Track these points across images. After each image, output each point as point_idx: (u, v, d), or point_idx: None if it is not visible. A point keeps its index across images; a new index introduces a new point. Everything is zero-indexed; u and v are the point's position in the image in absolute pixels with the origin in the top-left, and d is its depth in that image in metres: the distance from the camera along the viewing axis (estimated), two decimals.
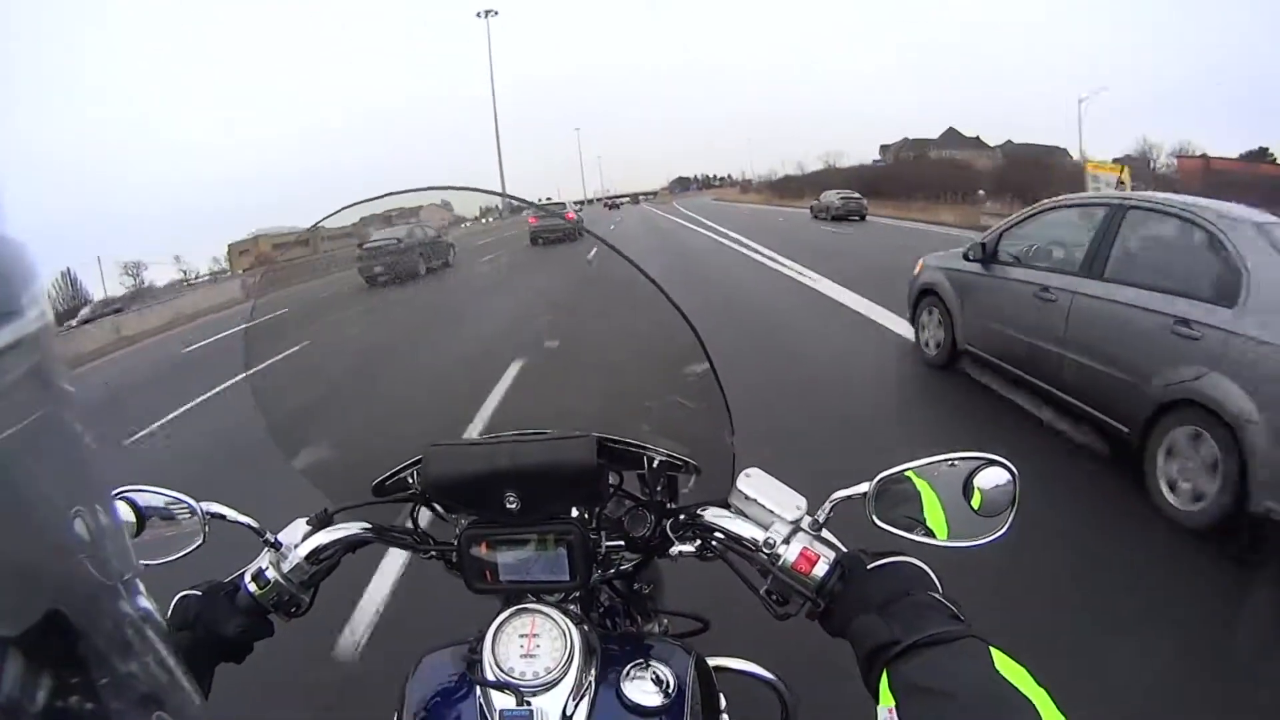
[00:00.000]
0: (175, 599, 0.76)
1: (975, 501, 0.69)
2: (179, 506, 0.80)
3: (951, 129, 54.66)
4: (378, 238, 1.29)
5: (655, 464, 0.84)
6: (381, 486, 0.89)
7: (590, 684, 0.70)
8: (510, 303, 1.21)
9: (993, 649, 0.56)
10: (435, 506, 0.84)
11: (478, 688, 0.70)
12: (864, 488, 0.71)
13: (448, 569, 0.83)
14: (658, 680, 0.70)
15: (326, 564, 0.83)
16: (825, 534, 0.74)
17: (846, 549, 0.73)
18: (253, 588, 0.79)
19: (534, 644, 0.71)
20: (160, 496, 0.80)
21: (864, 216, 23.65)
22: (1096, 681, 1.88)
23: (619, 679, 0.70)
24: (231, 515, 0.81)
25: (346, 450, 1.01)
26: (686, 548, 0.81)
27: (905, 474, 0.71)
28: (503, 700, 0.68)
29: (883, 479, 0.71)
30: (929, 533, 0.71)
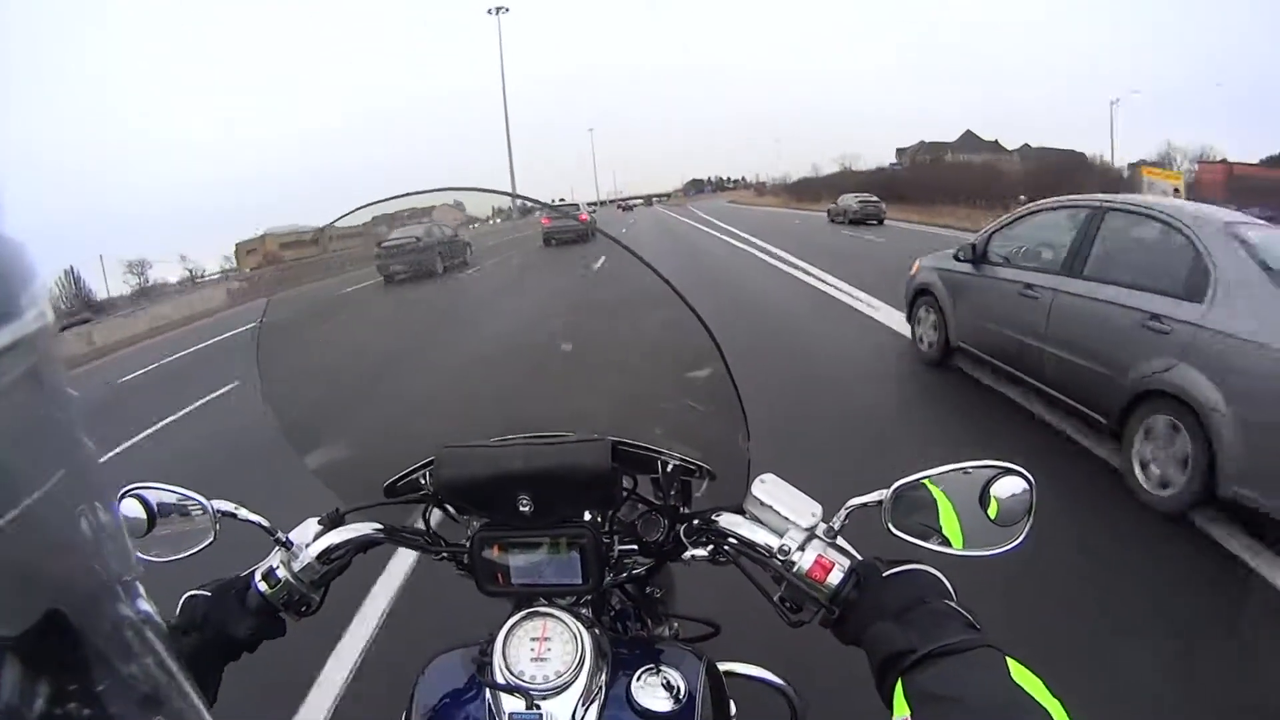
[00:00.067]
0: (183, 598, 0.76)
1: (992, 510, 0.68)
2: (190, 504, 0.80)
3: (969, 132, 54.35)
4: (396, 236, 1.30)
5: (669, 468, 0.83)
6: (393, 487, 0.89)
7: (601, 688, 0.70)
8: (525, 303, 1.21)
9: (1008, 659, 0.55)
10: (447, 508, 0.83)
11: (487, 690, 0.70)
12: (880, 495, 0.70)
13: (459, 570, 0.83)
14: (668, 685, 0.69)
15: (337, 564, 0.83)
16: (840, 541, 0.73)
17: (861, 556, 0.72)
18: (263, 586, 0.79)
19: (545, 647, 0.71)
20: (171, 494, 0.80)
21: (882, 221, 23.31)
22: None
23: (629, 683, 0.69)
24: (242, 514, 0.80)
25: (359, 450, 1.01)
26: (699, 552, 0.80)
27: (921, 482, 0.70)
28: (512, 703, 0.68)
29: (899, 487, 0.70)
30: (945, 541, 0.70)
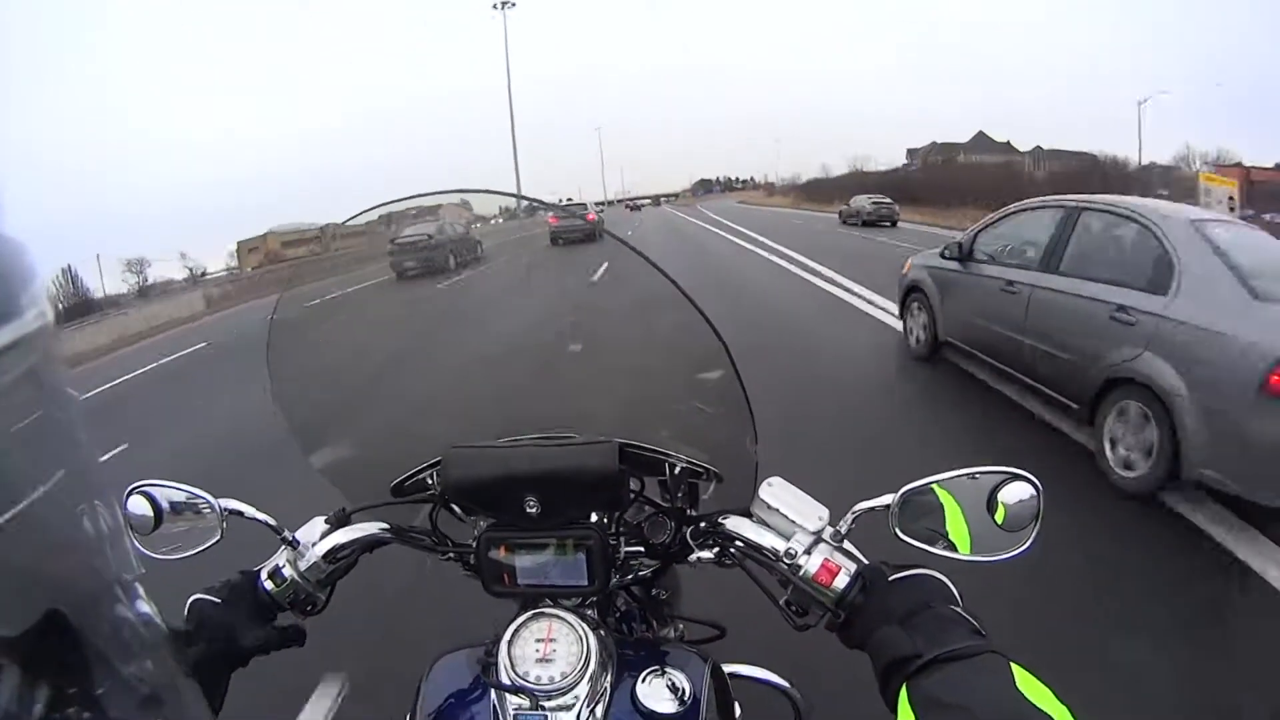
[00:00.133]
0: (190, 601, 0.74)
1: (999, 516, 0.68)
2: (197, 502, 0.80)
3: (981, 133, 54.00)
4: (410, 233, 1.31)
5: (677, 470, 0.82)
6: (400, 487, 0.89)
7: (605, 690, 0.70)
8: (532, 303, 1.21)
9: (1014, 665, 0.55)
10: (454, 508, 0.83)
11: (492, 691, 0.70)
12: (887, 500, 0.70)
13: (465, 571, 0.83)
14: (673, 687, 0.69)
15: (344, 563, 0.83)
16: (847, 545, 0.73)
17: (867, 561, 0.71)
18: (269, 585, 0.79)
19: (550, 648, 0.71)
20: (178, 492, 0.80)
21: (895, 223, 23.03)
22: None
23: (634, 685, 0.69)
24: (249, 512, 0.81)
25: (366, 450, 1.01)
26: (705, 555, 0.80)
27: (929, 487, 0.70)
28: (517, 704, 0.68)
29: (906, 491, 0.70)
30: (951, 546, 0.69)
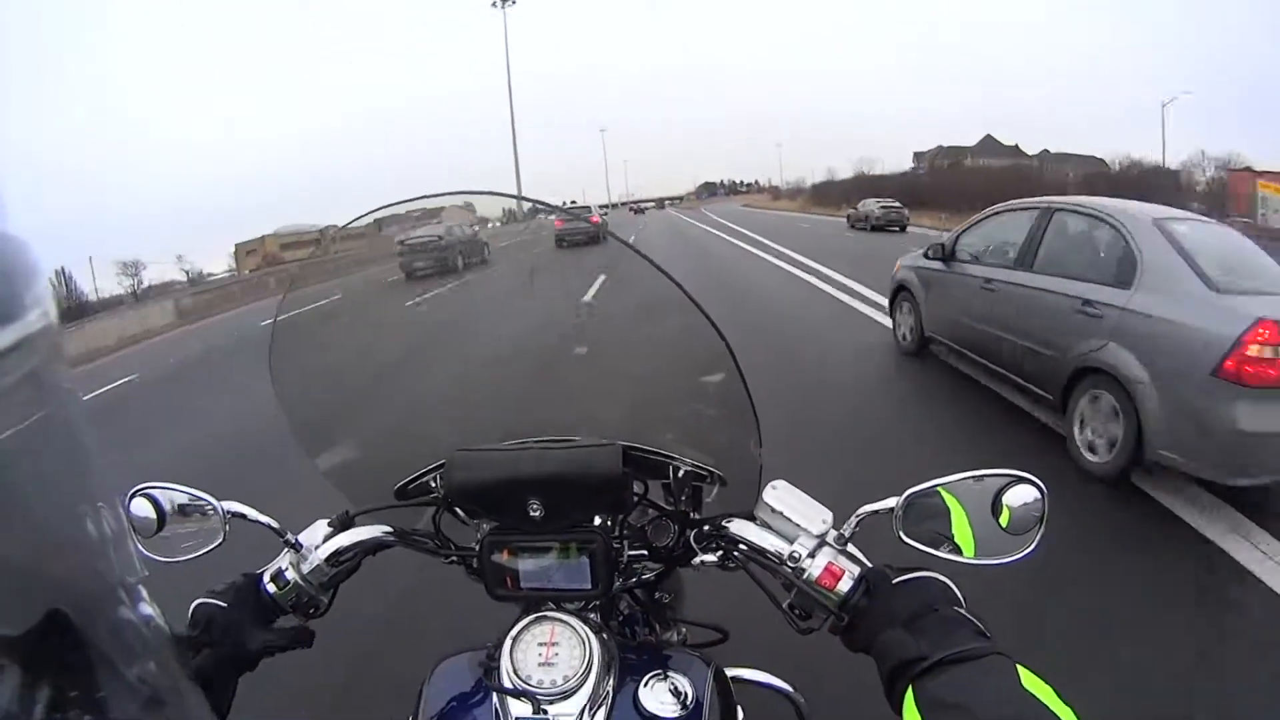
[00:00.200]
0: (194, 605, 0.74)
1: (1003, 519, 0.67)
2: (200, 504, 0.80)
3: (989, 136, 53.77)
4: (420, 234, 1.32)
5: (681, 474, 0.83)
6: (403, 490, 0.89)
7: (608, 693, 0.69)
8: (535, 306, 1.21)
9: (1019, 667, 0.55)
10: (457, 511, 0.83)
11: (494, 695, 0.70)
12: (892, 503, 0.70)
13: (468, 574, 0.83)
14: (676, 691, 0.69)
15: (346, 566, 0.83)
16: (851, 548, 0.72)
17: (871, 564, 0.71)
18: (271, 588, 0.79)
19: (553, 652, 0.71)
20: (182, 494, 0.80)
21: (904, 228, 22.93)
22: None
23: (637, 689, 0.69)
24: (252, 515, 0.81)
25: (369, 452, 1.01)
26: (709, 558, 0.80)
27: (934, 490, 0.69)
28: (519, 708, 0.68)
29: (911, 495, 0.69)
30: (956, 549, 0.69)
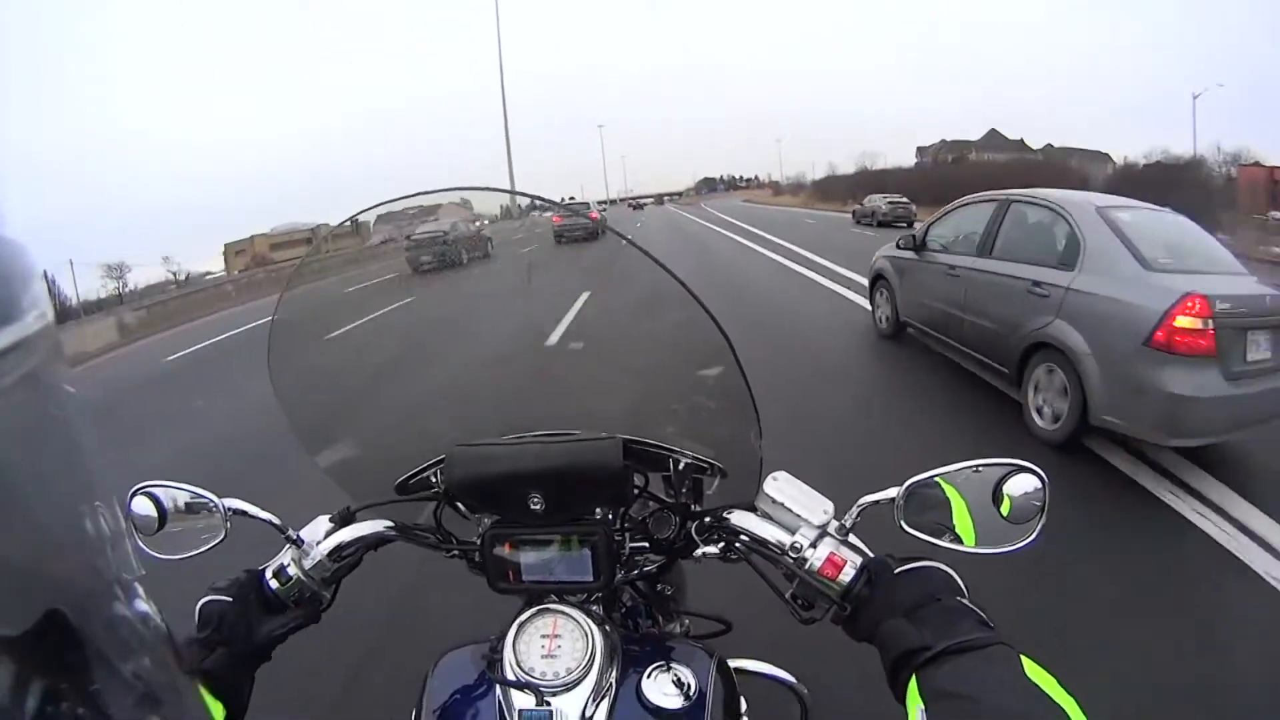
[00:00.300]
0: (200, 604, 0.74)
1: (1004, 508, 0.67)
2: (201, 502, 0.80)
3: (994, 130, 53.64)
4: (425, 229, 1.34)
5: (681, 466, 0.83)
6: (404, 485, 0.90)
7: (611, 685, 0.70)
8: (535, 301, 1.21)
9: (1023, 656, 0.55)
10: (458, 506, 0.83)
11: (497, 687, 0.70)
12: (892, 493, 0.70)
13: (470, 568, 0.83)
14: (679, 682, 0.69)
15: (348, 561, 0.83)
16: (852, 538, 0.72)
17: (873, 554, 0.71)
18: (274, 584, 0.79)
19: (555, 644, 0.71)
20: (182, 492, 0.80)
21: (911, 224, 22.75)
22: None
23: (640, 680, 0.69)
24: (253, 511, 0.81)
25: (370, 448, 1.01)
26: (711, 550, 0.80)
27: (934, 480, 0.69)
28: (522, 700, 0.68)
29: (911, 485, 0.69)
30: (957, 539, 0.69)
